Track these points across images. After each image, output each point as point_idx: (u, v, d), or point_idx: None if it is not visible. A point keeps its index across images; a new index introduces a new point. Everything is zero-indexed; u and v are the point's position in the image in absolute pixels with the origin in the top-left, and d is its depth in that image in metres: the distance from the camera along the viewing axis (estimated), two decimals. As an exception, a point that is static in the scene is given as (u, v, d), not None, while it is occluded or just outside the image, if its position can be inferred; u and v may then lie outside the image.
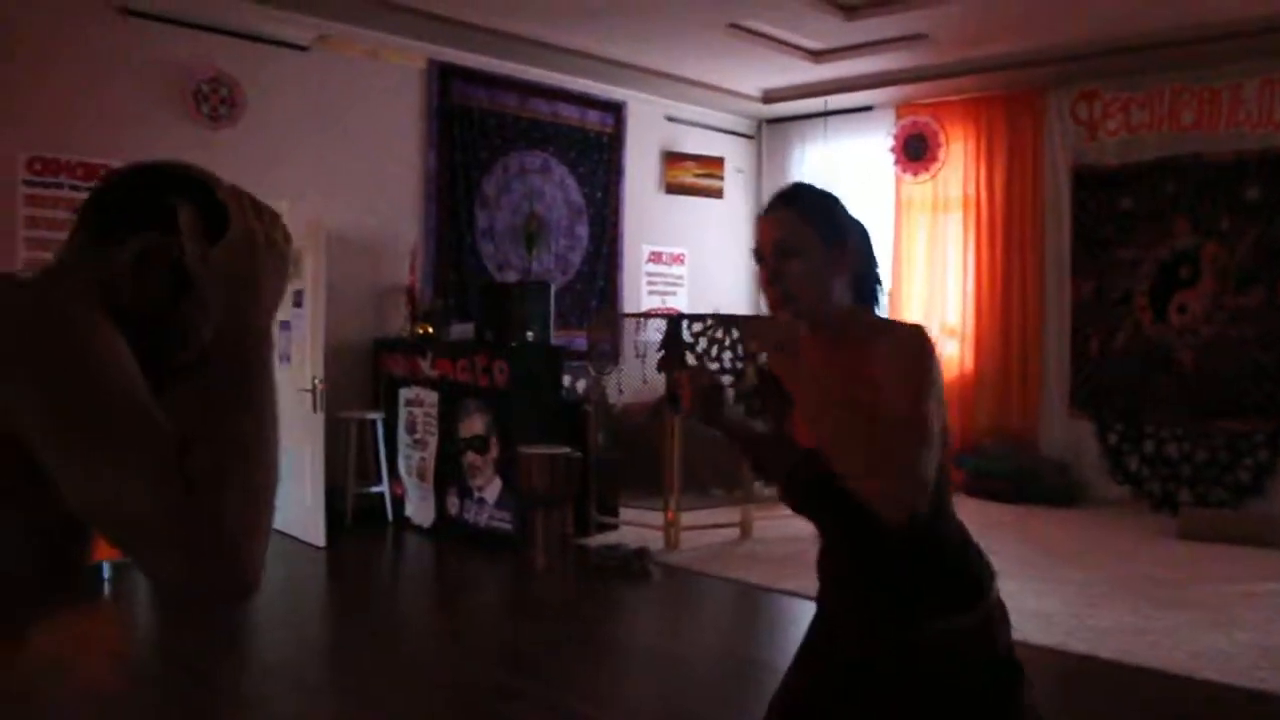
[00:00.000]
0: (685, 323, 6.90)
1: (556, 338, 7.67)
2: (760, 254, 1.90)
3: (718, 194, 10.35)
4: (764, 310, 1.97)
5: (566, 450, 6.59)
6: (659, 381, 7.15)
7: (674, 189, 9.98)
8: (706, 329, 6.90)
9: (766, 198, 1.96)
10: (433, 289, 8.08)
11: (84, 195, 2.24)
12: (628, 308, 9.49)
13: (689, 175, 10.10)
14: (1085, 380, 8.60)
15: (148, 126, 6.68)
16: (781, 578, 6.00)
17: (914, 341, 1.77)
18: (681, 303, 10.03)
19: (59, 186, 6.31)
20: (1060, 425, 8.67)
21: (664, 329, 7.02)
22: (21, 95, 6.25)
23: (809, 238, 1.86)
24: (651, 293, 9.87)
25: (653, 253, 9.88)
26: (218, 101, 6.96)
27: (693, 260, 10.16)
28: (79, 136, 6.39)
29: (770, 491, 8.31)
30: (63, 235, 1.27)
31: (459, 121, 8.29)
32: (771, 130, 10.68)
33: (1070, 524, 7.68)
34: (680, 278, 10.03)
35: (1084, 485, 8.45)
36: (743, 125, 10.63)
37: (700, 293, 10.12)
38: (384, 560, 6.87)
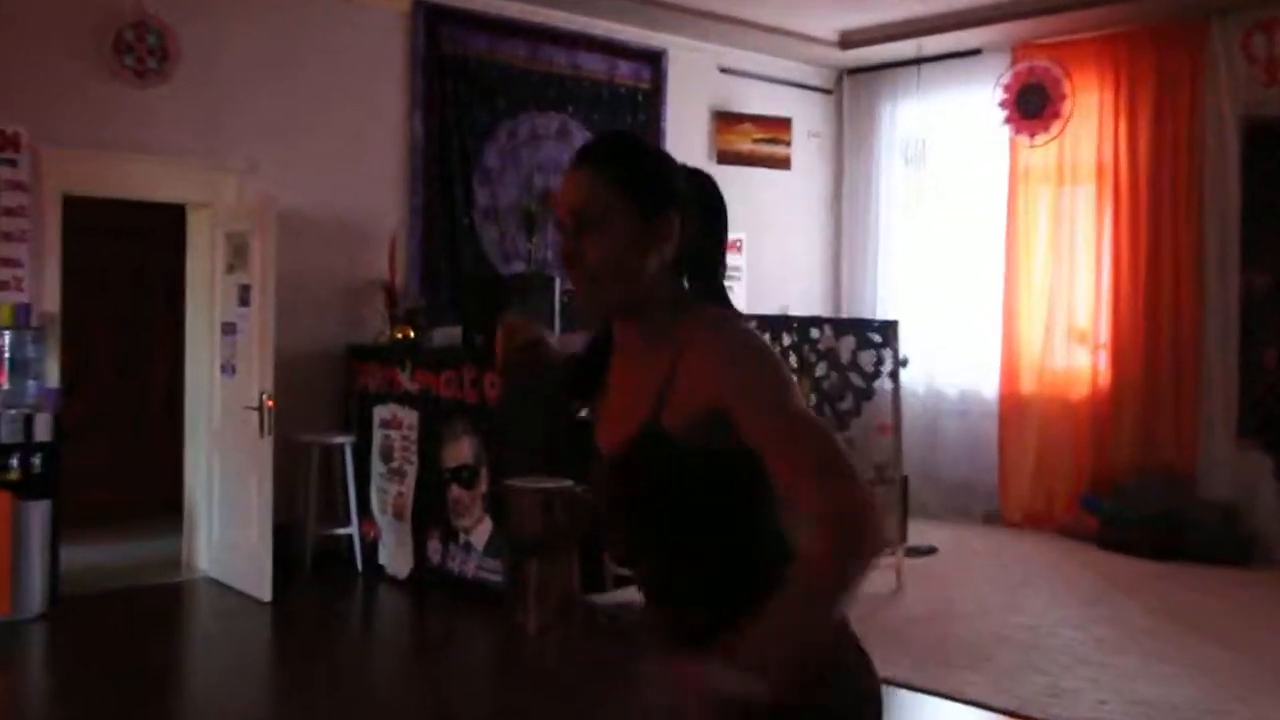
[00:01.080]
0: None
1: (566, 343, 7.60)
2: (561, 224, 1.93)
3: (784, 164, 10.31)
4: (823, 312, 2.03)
5: (567, 485, 6.50)
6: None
7: (728, 159, 9.92)
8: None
9: (845, 166, 2.00)
10: (418, 284, 8.17)
11: None
12: None
13: (747, 141, 10.05)
14: (1258, 401, 8.43)
15: (55, 85, 6.82)
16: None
17: (748, 344, 1.82)
18: (738, 299, 9.79)
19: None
20: (1225, 459, 8.54)
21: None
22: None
23: (616, 205, 1.88)
24: None
25: None
26: (145, 52, 7.08)
27: (753, 248, 10.14)
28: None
29: None
30: None
31: (453, 76, 8.38)
32: (853, 84, 10.70)
33: (1231, 588, 7.49)
34: (736, 270, 9.95)
35: (1255, 537, 8.25)
36: (816, 77, 10.63)
37: (763, 288, 10.07)
38: (348, 618, 6.91)
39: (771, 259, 10.29)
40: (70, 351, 7.15)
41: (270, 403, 6.84)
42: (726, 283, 2.04)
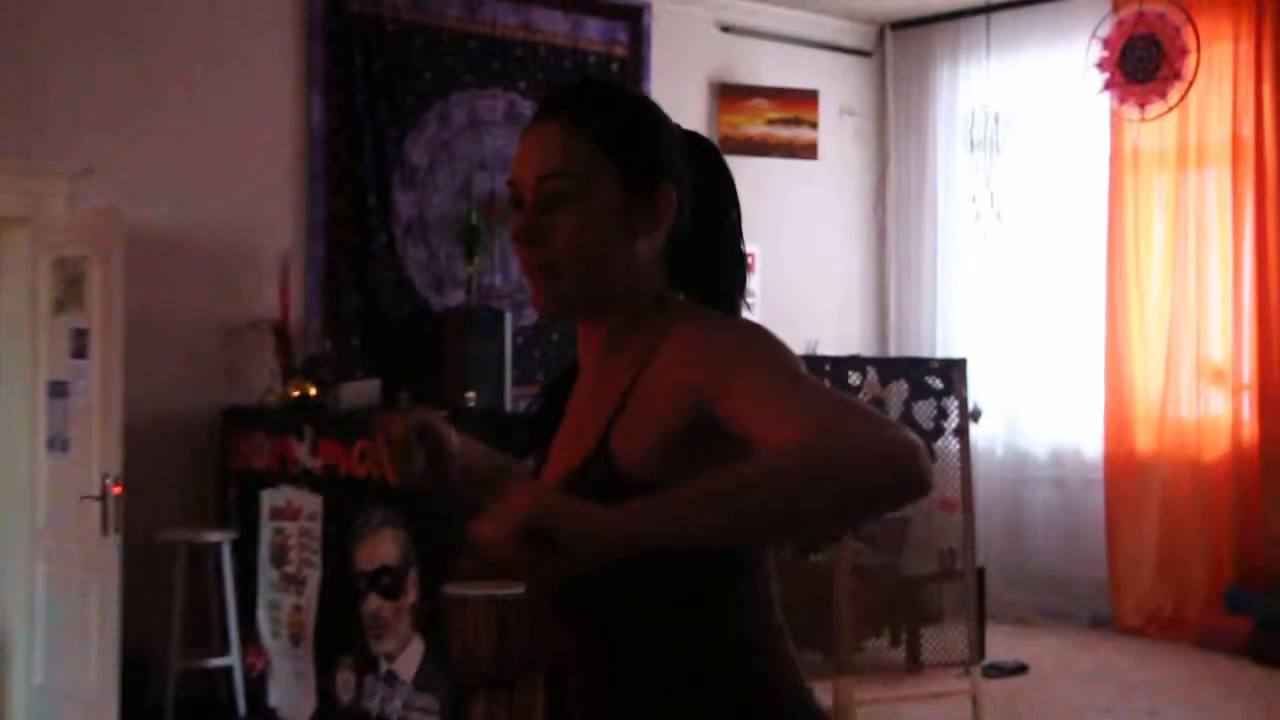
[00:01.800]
0: None
1: (520, 399, 7.69)
2: (515, 194, 1.98)
3: (809, 153, 10.37)
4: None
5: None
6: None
7: (735, 146, 9.87)
8: None
9: (892, 154, 1.78)
10: (320, 324, 8.14)
11: None
12: None
13: (760, 123, 10.14)
14: None
15: None
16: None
17: (747, 324, 1.93)
18: None
19: None
20: None
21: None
22: None
23: (596, 170, 1.93)
24: None
25: None
26: None
27: (769, 266, 10.17)
28: None
29: (889, 657, 8.36)
30: None
31: (362, 44, 8.42)
32: (900, 42, 10.77)
33: None
34: (750, 294, 9.76)
35: None
36: (851, 35, 10.72)
37: (784, 319, 9.68)
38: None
39: (795, 280, 10.38)
40: None
41: (117, 489, 6.71)
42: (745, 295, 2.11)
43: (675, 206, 1.98)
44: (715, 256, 2.08)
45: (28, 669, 7.34)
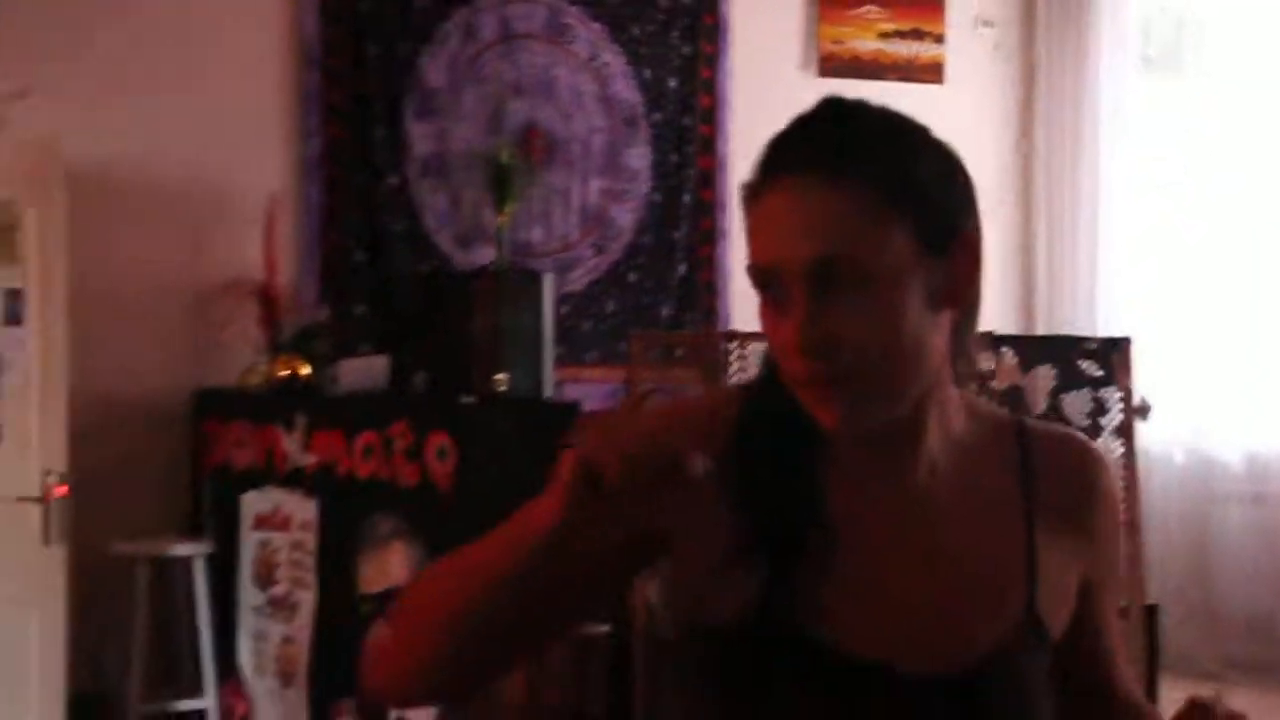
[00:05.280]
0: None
1: (564, 383, 7.97)
2: (771, 274, 1.87)
3: (934, 75, 10.56)
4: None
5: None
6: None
7: (838, 67, 10.16)
8: None
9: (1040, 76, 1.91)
10: (315, 286, 8.35)
11: None
12: (743, 320, 9.50)
13: (871, 38, 10.30)
14: None
15: None
16: None
17: (1115, 497, 2.10)
18: None
19: None
20: None
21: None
22: None
23: (895, 242, 1.85)
24: None
25: None
26: None
27: None
28: None
29: None
30: None
31: None
32: None
33: None
34: None
35: None
36: None
37: None
38: None
39: None
40: None
41: (61, 489, 6.92)
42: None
43: (981, 257, 1.96)
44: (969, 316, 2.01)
45: (-48, 710, 7.56)
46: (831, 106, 1.96)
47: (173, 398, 7.88)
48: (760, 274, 1.87)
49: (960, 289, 1.91)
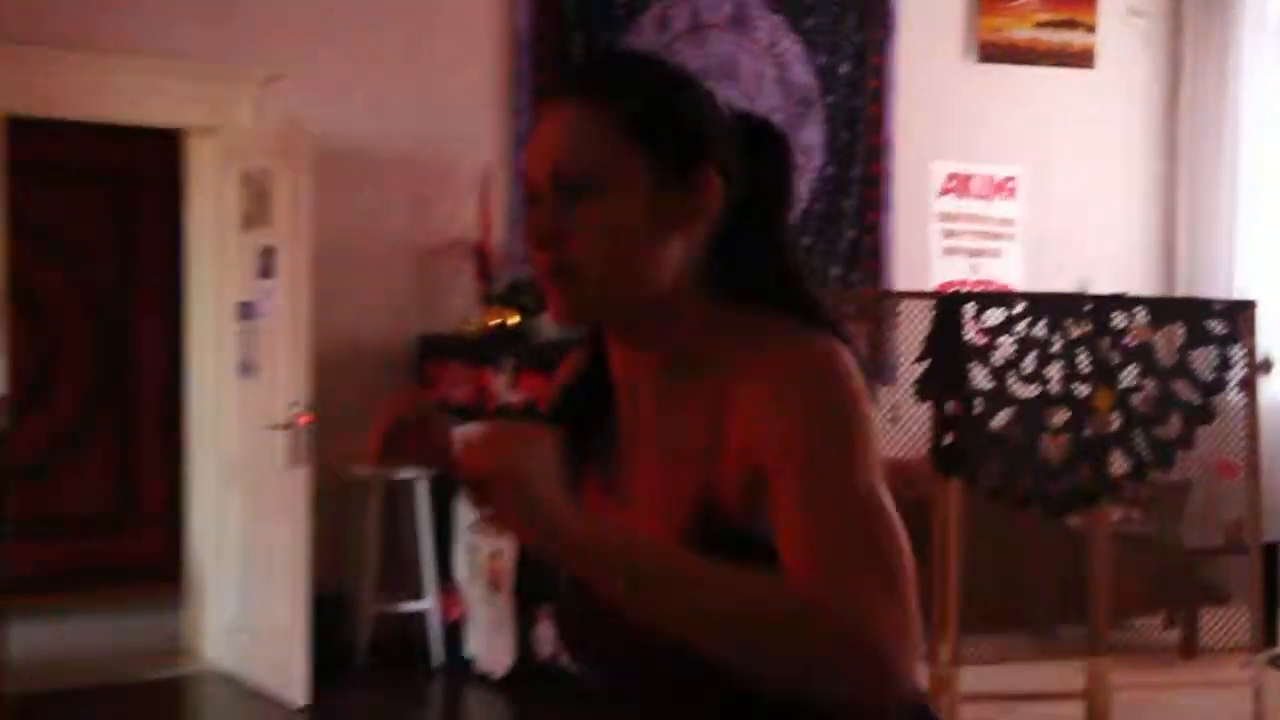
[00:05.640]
0: (970, 306, 7.23)
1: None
2: (530, 188, 2.06)
3: (1084, 61, 10.87)
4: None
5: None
6: (917, 416, 7.59)
7: (996, 53, 10.57)
8: (1015, 319, 7.20)
9: (1186, 60, 2.09)
10: (523, 246, 8.87)
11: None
12: (906, 278, 10.15)
13: (1027, 27, 10.62)
14: None
15: None
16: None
17: (820, 370, 1.96)
18: (1011, 269, 10.69)
19: None
20: None
21: None
22: None
23: (624, 158, 2.00)
24: (951, 252, 10.67)
25: (954, 176, 10.66)
26: None
27: (1035, 191, 10.80)
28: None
29: (1160, 639, 8.58)
30: None
31: None
32: None
33: None
34: (1008, 223, 10.70)
35: None
36: None
37: (1051, 252, 10.70)
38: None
39: (1064, 208, 10.93)
40: (29, 344, 8.21)
41: (304, 418, 7.55)
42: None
43: (719, 193, 2.04)
44: (760, 249, 2.11)
45: (219, 602, 8.12)
46: (604, 52, 2.45)
47: (400, 342, 8.33)
48: (524, 186, 2.08)
49: (688, 217, 2.01)
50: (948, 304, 7.28)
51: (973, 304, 7.23)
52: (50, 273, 9.55)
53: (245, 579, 8.02)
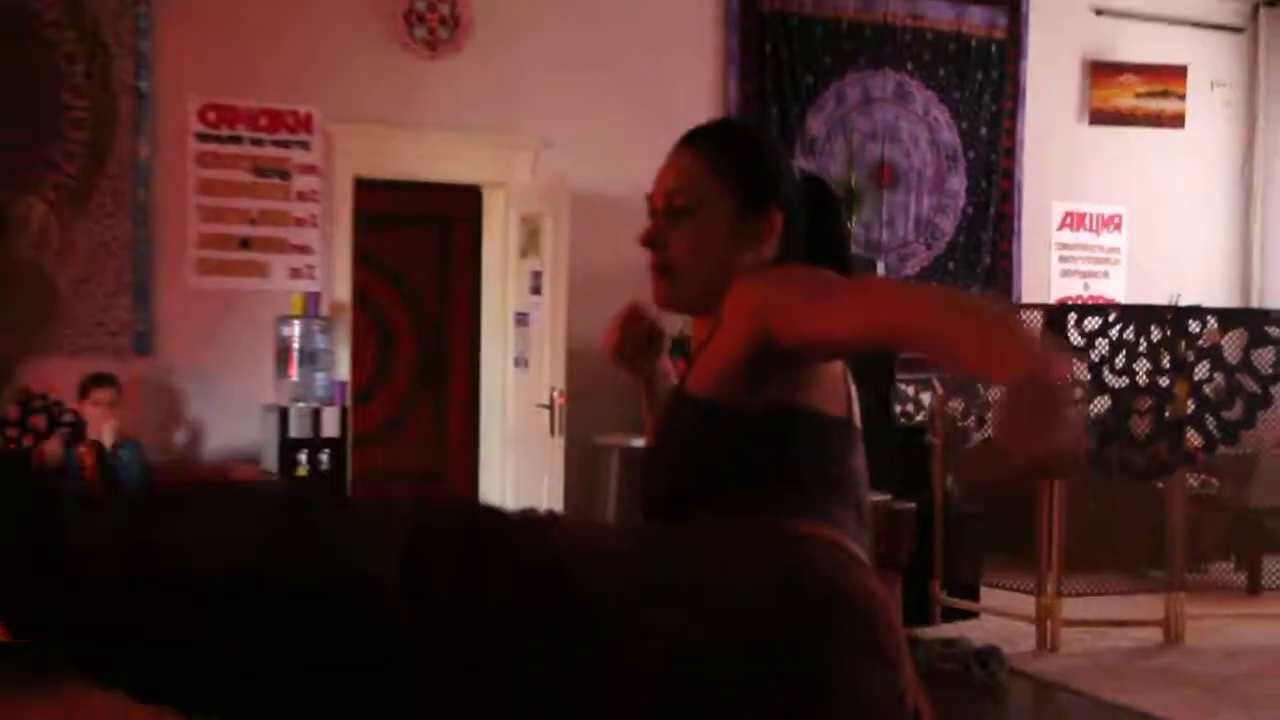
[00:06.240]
0: (1072, 315, 8.56)
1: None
2: (652, 206, 2.60)
3: (1176, 122, 12.24)
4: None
5: (885, 499, 7.89)
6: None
7: (1104, 118, 12.00)
8: (1108, 325, 8.48)
9: (1259, 122, 3.09)
10: None
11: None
12: (1031, 294, 11.76)
13: (1129, 96, 12.00)
14: None
15: (344, 61, 9.49)
16: (1218, 711, 7.20)
17: (787, 268, 2.46)
18: (1117, 287, 12.33)
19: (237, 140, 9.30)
20: None
21: None
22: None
23: (712, 193, 2.51)
24: (1067, 273, 12.16)
25: (1070, 214, 12.16)
26: (436, 22, 9.69)
27: (1136, 225, 12.20)
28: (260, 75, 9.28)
29: (1230, 580, 10.42)
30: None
31: (772, 33, 10.73)
32: (1273, 18, 12.28)
33: None
34: (1114, 251, 12.36)
35: None
36: (1222, 12, 12.34)
37: (1150, 273, 12.20)
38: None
39: (1161, 238, 12.32)
40: (373, 346, 9.88)
41: (561, 398, 8.96)
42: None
43: (780, 228, 2.47)
44: (823, 255, 2.52)
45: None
46: (716, 121, 2.77)
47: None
48: (647, 204, 2.61)
49: (757, 240, 2.48)
50: (1055, 313, 8.76)
51: (1074, 314, 8.61)
52: (387, 293, 10.93)
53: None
